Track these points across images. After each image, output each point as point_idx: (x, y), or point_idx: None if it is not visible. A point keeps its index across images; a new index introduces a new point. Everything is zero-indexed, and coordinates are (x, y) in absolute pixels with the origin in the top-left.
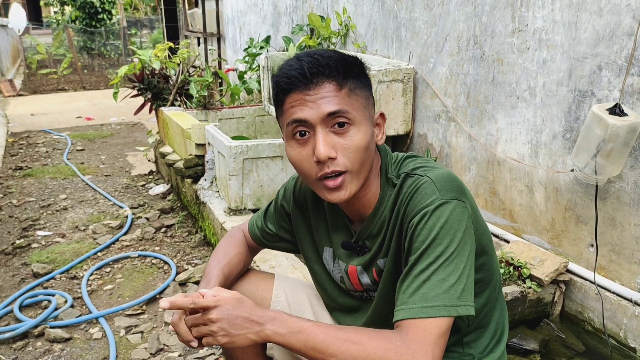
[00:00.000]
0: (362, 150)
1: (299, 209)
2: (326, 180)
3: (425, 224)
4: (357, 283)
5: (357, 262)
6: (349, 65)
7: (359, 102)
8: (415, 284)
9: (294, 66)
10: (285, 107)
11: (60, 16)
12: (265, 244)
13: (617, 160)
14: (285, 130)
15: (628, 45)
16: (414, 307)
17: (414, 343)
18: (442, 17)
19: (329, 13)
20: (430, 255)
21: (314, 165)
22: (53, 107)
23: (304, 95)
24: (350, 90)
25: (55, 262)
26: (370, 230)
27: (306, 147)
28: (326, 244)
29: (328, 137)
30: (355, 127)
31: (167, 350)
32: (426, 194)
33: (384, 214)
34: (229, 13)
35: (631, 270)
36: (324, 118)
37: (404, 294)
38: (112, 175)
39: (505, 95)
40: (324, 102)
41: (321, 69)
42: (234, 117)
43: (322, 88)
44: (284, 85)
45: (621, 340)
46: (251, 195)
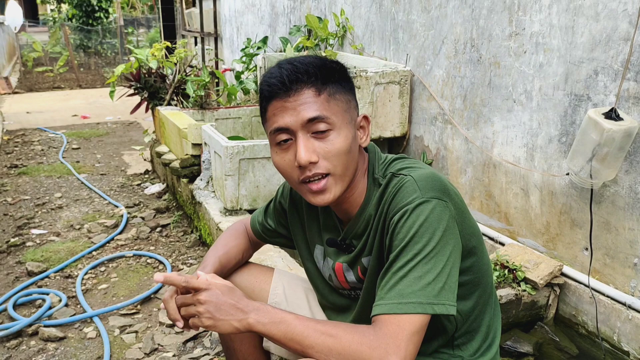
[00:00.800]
0: (343, 154)
1: (294, 207)
2: (310, 183)
3: (405, 222)
4: (344, 280)
5: (343, 259)
6: (329, 70)
7: (339, 106)
8: (392, 280)
9: (275, 74)
10: (268, 115)
11: (57, 14)
12: (265, 238)
13: (612, 165)
14: (269, 138)
15: (624, 50)
16: (390, 303)
17: (388, 338)
18: (439, 19)
19: (326, 14)
20: (408, 252)
21: (297, 169)
22: (49, 105)
23: (284, 102)
24: (329, 95)
25: (49, 260)
26: (357, 229)
27: (289, 153)
28: (318, 242)
29: (309, 142)
30: (336, 132)
31: (161, 350)
32: (407, 192)
33: (368, 212)
34: (226, 13)
35: (625, 274)
36: (304, 124)
37: (382, 290)
38: (108, 174)
39: (502, 99)
40: (304, 108)
41: (299, 76)
42: (231, 117)
43: (301, 94)
44: (266, 93)
45: (615, 344)
46: (247, 195)
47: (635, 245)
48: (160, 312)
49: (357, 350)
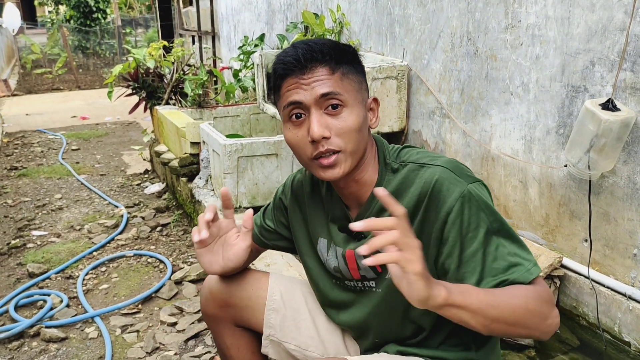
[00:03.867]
0: (354, 131)
1: (296, 201)
2: (320, 159)
3: (470, 210)
4: (355, 268)
5: (355, 246)
6: (342, 51)
7: (351, 85)
8: (501, 261)
9: (290, 53)
10: (282, 92)
11: (55, 15)
12: (264, 242)
13: (610, 155)
14: (282, 114)
15: (620, 41)
16: (523, 273)
17: (547, 294)
18: (435, 13)
19: (322, 10)
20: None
21: (309, 145)
22: (48, 107)
23: (298, 80)
24: (342, 75)
25: (50, 261)
26: (367, 215)
27: (301, 129)
28: (321, 235)
29: (322, 118)
30: (348, 109)
31: (162, 349)
32: (451, 182)
33: None
34: (223, 11)
35: (625, 265)
36: (317, 99)
37: (491, 272)
38: (108, 175)
39: (499, 92)
40: (318, 85)
41: (314, 55)
42: (229, 116)
43: (315, 72)
44: (280, 71)
45: (615, 335)
46: (246, 193)
47: (634, 236)
48: (161, 311)
49: (539, 305)
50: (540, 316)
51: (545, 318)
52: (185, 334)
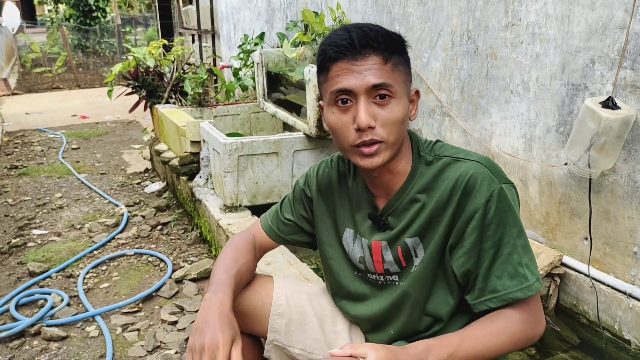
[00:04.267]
0: (399, 122)
1: (321, 192)
2: (362, 147)
3: (496, 209)
4: (379, 260)
5: (381, 237)
6: (395, 41)
7: (400, 77)
8: (507, 266)
9: (343, 36)
10: (331, 75)
11: (55, 14)
12: (280, 236)
13: (610, 154)
14: (328, 96)
15: (620, 39)
16: (521, 288)
17: (534, 315)
18: (435, 11)
19: (322, 9)
20: (509, 237)
21: (353, 132)
22: (48, 106)
23: (350, 65)
24: (394, 65)
25: (51, 260)
26: (397, 206)
27: (347, 114)
28: (347, 225)
29: (370, 107)
30: (396, 101)
31: (163, 348)
32: (484, 179)
33: (414, 189)
34: (223, 10)
35: (625, 263)
36: (368, 89)
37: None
38: (108, 174)
39: (499, 90)
40: (370, 74)
41: (370, 42)
42: (229, 114)
43: (368, 60)
44: (332, 53)
45: (616, 333)
46: (246, 192)
47: (634, 234)
48: (162, 310)
49: (524, 330)
50: (526, 341)
51: (531, 339)
52: (186, 332)
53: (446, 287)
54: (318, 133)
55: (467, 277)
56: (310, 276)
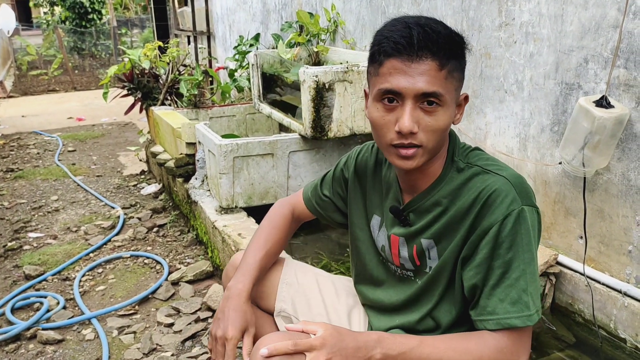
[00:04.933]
0: (442, 131)
1: (357, 176)
2: (400, 148)
3: (510, 230)
4: (396, 254)
5: (400, 232)
6: (456, 45)
7: (453, 85)
8: (503, 291)
9: (403, 33)
10: (383, 71)
11: (50, 17)
12: (317, 210)
13: (604, 152)
14: (375, 91)
15: (614, 38)
16: (510, 317)
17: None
18: (429, 11)
19: (317, 10)
20: (514, 261)
21: (393, 132)
22: (44, 109)
23: (405, 66)
24: (448, 73)
25: (47, 263)
26: (421, 204)
27: (391, 114)
28: (376, 212)
29: (415, 112)
30: (443, 109)
31: (159, 350)
32: (507, 196)
33: (440, 192)
34: (218, 11)
35: (620, 262)
36: (417, 95)
37: (492, 299)
38: (104, 176)
39: (494, 89)
40: (423, 80)
41: (429, 44)
42: (225, 116)
43: (424, 63)
44: (388, 48)
45: (611, 332)
46: (242, 193)
47: (629, 233)
48: (158, 312)
49: (494, 359)
50: None
51: None
52: (182, 334)
53: (452, 296)
54: (313, 134)
55: (474, 291)
56: None
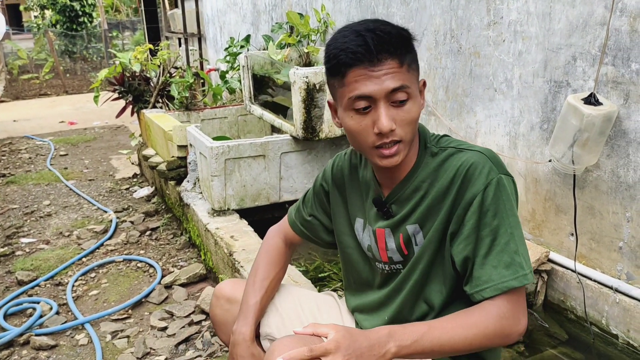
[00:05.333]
0: (416, 121)
1: (336, 185)
2: (382, 148)
3: (492, 197)
4: (383, 248)
5: (385, 224)
6: (406, 40)
7: (414, 76)
8: (495, 257)
9: (357, 42)
10: (348, 80)
11: (41, 20)
12: (304, 232)
13: (593, 150)
14: (345, 102)
15: (601, 35)
16: (505, 281)
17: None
18: (418, 11)
19: (307, 10)
20: (501, 227)
21: (372, 134)
22: (35, 113)
23: (368, 72)
24: (409, 65)
25: (39, 269)
26: (401, 194)
27: (366, 118)
28: (358, 215)
29: (389, 110)
30: (412, 101)
31: (153, 354)
32: (484, 168)
33: (418, 179)
34: (208, 13)
35: (611, 258)
36: (387, 94)
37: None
38: (96, 180)
39: (483, 88)
40: (388, 78)
41: (385, 46)
42: (217, 117)
43: (385, 64)
44: (347, 60)
45: (603, 328)
46: (234, 195)
47: (619, 229)
48: (151, 316)
49: (499, 326)
50: (502, 337)
51: (508, 336)
52: (175, 338)
53: (442, 275)
54: (305, 135)
55: (466, 265)
56: (299, 279)
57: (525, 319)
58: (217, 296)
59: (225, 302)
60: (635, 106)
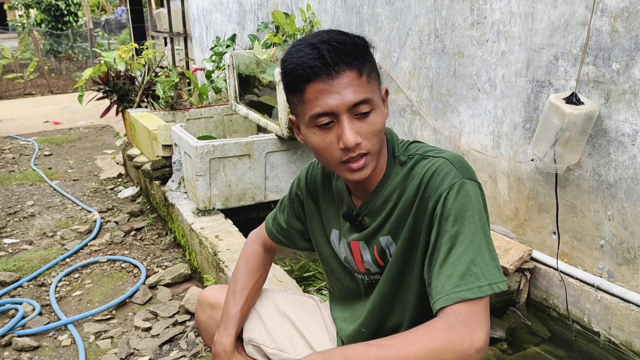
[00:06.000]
0: (380, 131)
1: (310, 195)
2: (349, 163)
3: (453, 203)
4: (360, 260)
5: (358, 236)
6: (363, 48)
7: (375, 85)
8: (450, 266)
9: (313, 55)
10: (307, 97)
11: (25, 19)
12: (281, 240)
13: (575, 149)
14: (307, 119)
15: (582, 35)
16: (458, 291)
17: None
18: (403, 11)
19: (293, 10)
20: (460, 234)
21: (339, 150)
22: (20, 113)
23: (327, 86)
24: (368, 76)
25: (22, 269)
26: (372, 206)
27: (330, 134)
28: (333, 227)
29: (353, 124)
30: (375, 111)
31: (137, 355)
32: (446, 173)
33: (388, 190)
34: (194, 12)
35: (592, 256)
36: (349, 108)
37: (440, 278)
38: (81, 180)
39: (467, 88)
40: (349, 92)
41: (342, 57)
42: (202, 117)
43: (344, 77)
44: (304, 74)
45: (585, 325)
46: (219, 195)
47: (601, 227)
48: (135, 316)
49: (447, 340)
50: (451, 351)
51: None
52: (159, 338)
53: (415, 285)
54: (290, 134)
55: (428, 273)
56: (284, 278)
57: (484, 334)
58: (201, 303)
59: (208, 308)
60: (616, 105)
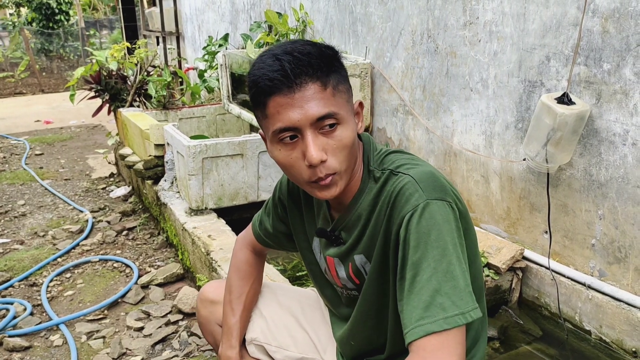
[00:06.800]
0: (349, 147)
1: (292, 200)
2: (317, 181)
3: (415, 229)
4: (335, 275)
5: (334, 253)
6: (329, 59)
7: (342, 98)
8: (415, 298)
9: (274, 67)
10: (270, 112)
11: (16, 18)
12: (268, 242)
13: (566, 148)
14: (271, 135)
15: (574, 35)
16: (425, 324)
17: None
18: (396, 11)
19: (286, 9)
20: (423, 262)
21: (305, 168)
22: (10, 112)
23: (289, 99)
24: (334, 88)
25: (13, 269)
26: (347, 221)
27: (295, 150)
28: (315, 235)
29: (317, 139)
30: (343, 126)
31: (129, 355)
32: (410, 194)
33: (362, 205)
34: (187, 11)
35: (584, 255)
36: (313, 122)
37: (407, 310)
38: (72, 179)
39: (459, 88)
40: (312, 106)
41: (304, 69)
42: (195, 117)
43: (306, 90)
44: (266, 87)
45: (577, 324)
46: (212, 194)
47: (592, 227)
48: (127, 316)
49: None
50: None
51: None
52: (152, 338)
53: (391, 305)
54: None
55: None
56: (277, 277)
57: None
58: (201, 299)
59: (209, 304)
60: (607, 105)
